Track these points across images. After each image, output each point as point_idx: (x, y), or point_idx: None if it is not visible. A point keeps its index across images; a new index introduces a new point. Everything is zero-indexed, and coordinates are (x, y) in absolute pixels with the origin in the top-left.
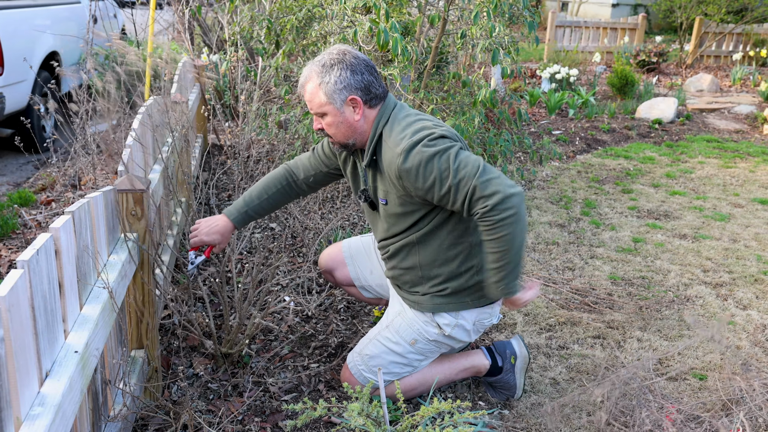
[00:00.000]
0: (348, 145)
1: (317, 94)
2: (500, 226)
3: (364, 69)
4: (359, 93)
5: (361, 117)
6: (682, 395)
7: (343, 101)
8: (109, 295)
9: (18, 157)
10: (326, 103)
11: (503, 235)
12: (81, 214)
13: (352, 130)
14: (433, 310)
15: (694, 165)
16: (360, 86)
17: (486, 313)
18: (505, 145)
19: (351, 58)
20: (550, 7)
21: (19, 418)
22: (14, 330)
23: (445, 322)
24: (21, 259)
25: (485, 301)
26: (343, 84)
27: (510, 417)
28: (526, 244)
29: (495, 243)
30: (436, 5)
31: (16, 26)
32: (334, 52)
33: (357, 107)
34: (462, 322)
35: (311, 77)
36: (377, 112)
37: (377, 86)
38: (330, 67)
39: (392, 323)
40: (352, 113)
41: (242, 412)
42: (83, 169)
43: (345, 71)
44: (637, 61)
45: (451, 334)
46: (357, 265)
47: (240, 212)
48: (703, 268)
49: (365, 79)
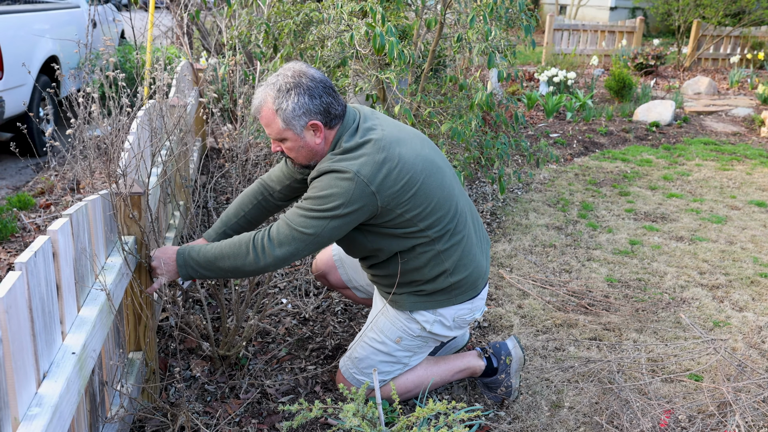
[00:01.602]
0: (310, 166)
1: (274, 120)
2: (244, 255)
3: (322, 91)
4: (319, 117)
5: (321, 140)
6: (677, 397)
7: (302, 127)
8: (107, 297)
9: (18, 160)
10: (285, 129)
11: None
12: (79, 217)
13: (313, 153)
14: (410, 308)
15: (692, 167)
16: (319, 110)
17: (465, 309)
18: (502, 148)
19: (307, 80)
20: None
21: (16, 418)
22: (12, 331)
23: (423, 319)
24: (19, 261)
25: (462, 298)
26: (302, 110)
27: (505, 418)
28: (226, 273)
29: (231, 253)
30: (433, 9)
31: (15, 30)
32: (288, 75)
33: (317, 131)
34: (440, 318)
35: (266, 102)
36: (335, 132)
37: (336, 106)
38: (286, 92)
39: (376, 323)
40: (312, 137)
41: (239, 414)
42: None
43: (303, 96)
44: (635, 64)
45: (432, 330)
46: (346, 267)
47: (218, 233)
48: (700, 270)
49: (324, 101)
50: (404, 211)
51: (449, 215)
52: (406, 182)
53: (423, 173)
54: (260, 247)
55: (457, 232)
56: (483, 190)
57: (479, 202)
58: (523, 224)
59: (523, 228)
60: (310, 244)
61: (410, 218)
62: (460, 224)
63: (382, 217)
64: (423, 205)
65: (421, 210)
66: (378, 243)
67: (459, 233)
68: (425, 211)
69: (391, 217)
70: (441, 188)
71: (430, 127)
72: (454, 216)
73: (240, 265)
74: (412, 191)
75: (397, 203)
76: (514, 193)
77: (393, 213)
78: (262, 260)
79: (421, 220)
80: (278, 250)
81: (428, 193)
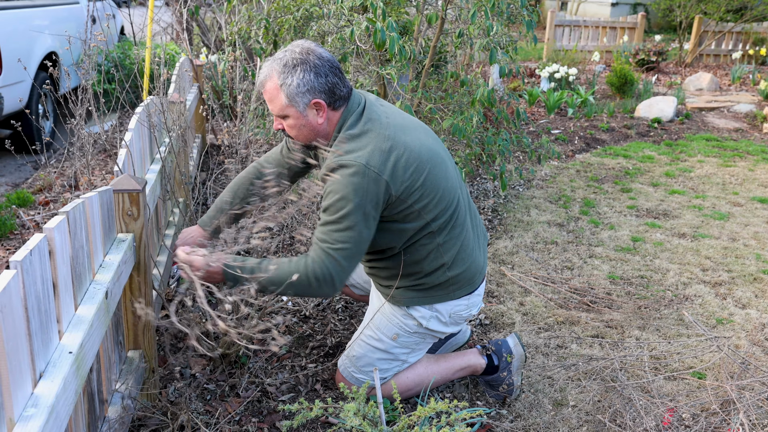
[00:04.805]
0: (310, 146)
1: (278, 96)
2: (293, 271)
3: (328, 71)
4: (323, 96)
5: (324, 120)
6: (680, 395)
7: (306, 104)
8: (105, 296)
9: (17, 157)
10: (288, 105)
11: (286, 275)
12: (76, 215)
13: (315, 133)
14: (407, 304)
15: (694, 164)
16: (324, 89)
17: (462, 305)
18: (504, 144)
19: (315, 58)
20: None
21: (12, 419)
22: (7, 331)
23: (420, 315)
24: (14, 259)
25: (459, 293)
26: (307, 87)
27: (507, 416)
28: (281, 291)
29: (280, 270)
30: (434, 4)
31: (14, 26)
32: (297, 51)
33: (320, 110)
34: (437, 314)
35: (271, 76)
36: (341, 114)
37: (342, 87)
38: (292, 67)
39: (373, 320)
40: (315, 116)
41: (239, 413)
42: (81, 169)
43: (308, 73)
44: (637, 60)
45: (428, 326)
46: None
47: (212, 220)
48: (702, 267)
49: (330, 81)
50: (414, 202)
51: (451, 207)
52: (413, 171)
53: (429, 163)
54: (321, 280)
55: (457, 225)
56: (484, 187)
57: (480, 199)
58: (524, 221)
59: (524, 225)
60: (356, 251)
61: (419, 209)
62: (459, 217)
63: (395, 208)
64: (430, 195)
65: (429, 201)
66: (386, 239)
67: (458, 226)
68: (432, 202)
69: (402, 207)
70: (445, 179)
71: (431, 123)
72: (456, 209)
73: (308, 294)
74: (420, 180)
75: (408, 192)
76: (516, 189)
77: (404, 203)
78: (329, 289)
79: (428, 211)
80: (336, 276)
81: (434, 183)
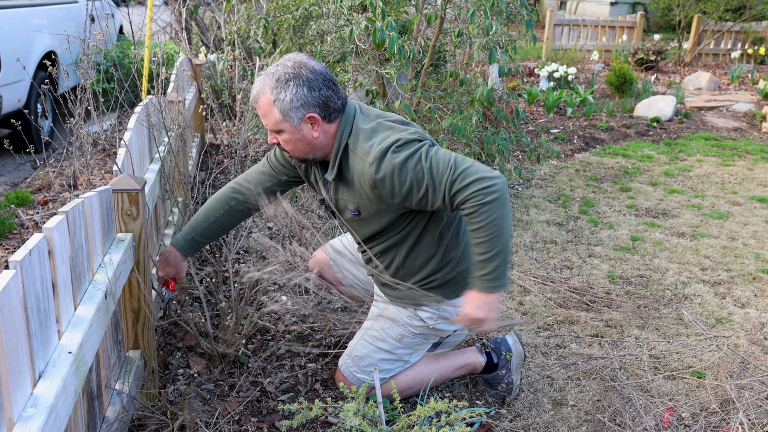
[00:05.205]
0: (307, 160)
1: (271, 112)
2: (485, 211)
3: (321, 84)
4: (317, 110)
5: (320, 133)
6: (679, 394)
7: (300, 119)
8: (104, 296)
9: (16, 157)
10: (282, 121)
11: (490, 221)
12: (75, 214)
13: (311, 147)
14: (415, 305)
15: (693, 163)
16: (318, 103)
17: None
18: (503, 143)
19: (308, 72)
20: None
21: (11, 419)
22: (6, 331)
23: (427, 316)
24: (13, 259)
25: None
26: (300, 102)
27: (507, 416)
28: (512, 233)
29: (483, 231)
30: (434, 4)
31: (13, 26)
32: (289, 65)
33: (315, 124)
34: (444, 314)
35: (264, 91)
36: (337, 125)
37: (336, 100)
38: (285, 82)
39: (377, 321)
40: (310, 130)
41: (239, 412)
42: (80, 169)
43: (302, 88)
44: (636, 59)
45: (435, 326)
46: (340, 265)
47: (187, 240)
48: (702, 267)
49: (323, 94)
50: None
51: None
52: None
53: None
54: (498, 192)
55: (462, 219)
56: None
57: None
58: (523, 220)
59: (523, 224)
60: (454, 156)
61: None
62: None
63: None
64: None
65: None
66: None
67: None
68: None
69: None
70: None
71: (431, 122)
72: None
73: (508, 215)
74: None
75: None
76: (515, 189)
77: None
78: (497, 188)
79: None
80: (468, 177)
81: None
